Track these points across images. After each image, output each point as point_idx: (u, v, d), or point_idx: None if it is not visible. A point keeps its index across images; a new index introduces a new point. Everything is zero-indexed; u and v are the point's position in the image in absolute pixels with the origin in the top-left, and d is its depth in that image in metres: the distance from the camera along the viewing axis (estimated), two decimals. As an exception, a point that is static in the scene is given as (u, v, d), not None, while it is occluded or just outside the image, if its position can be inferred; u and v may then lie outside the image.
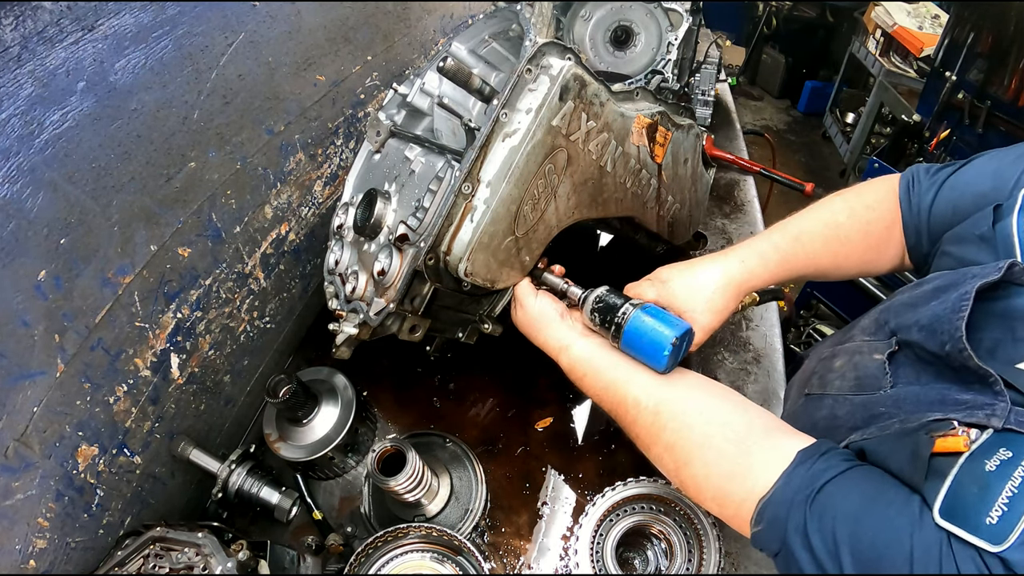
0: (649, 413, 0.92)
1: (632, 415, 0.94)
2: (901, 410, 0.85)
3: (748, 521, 0.78)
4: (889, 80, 4.40)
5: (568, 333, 1.05)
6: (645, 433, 0.93)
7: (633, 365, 0.98)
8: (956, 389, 0.78)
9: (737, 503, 0.80)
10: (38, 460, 0.91)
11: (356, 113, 1.54)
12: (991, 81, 3.17)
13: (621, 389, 0.96)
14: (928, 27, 4.32)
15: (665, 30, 1.16)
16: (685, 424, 0.89)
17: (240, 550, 0.98)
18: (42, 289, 0.88)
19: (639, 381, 0.95)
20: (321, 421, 1.28)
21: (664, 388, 0.94)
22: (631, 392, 0.95)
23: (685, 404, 0.92)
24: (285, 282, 1.47)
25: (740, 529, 0.82)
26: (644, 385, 0.95)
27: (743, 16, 6.06)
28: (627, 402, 0.95)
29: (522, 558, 1.24)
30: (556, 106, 0.97)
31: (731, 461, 0.82)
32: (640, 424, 0.93)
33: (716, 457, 0.84)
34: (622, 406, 0.96)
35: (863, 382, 0.98)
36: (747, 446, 0.82)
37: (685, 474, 0.87)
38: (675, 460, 0.88)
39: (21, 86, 0.79)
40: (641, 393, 0.94)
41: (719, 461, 0.84)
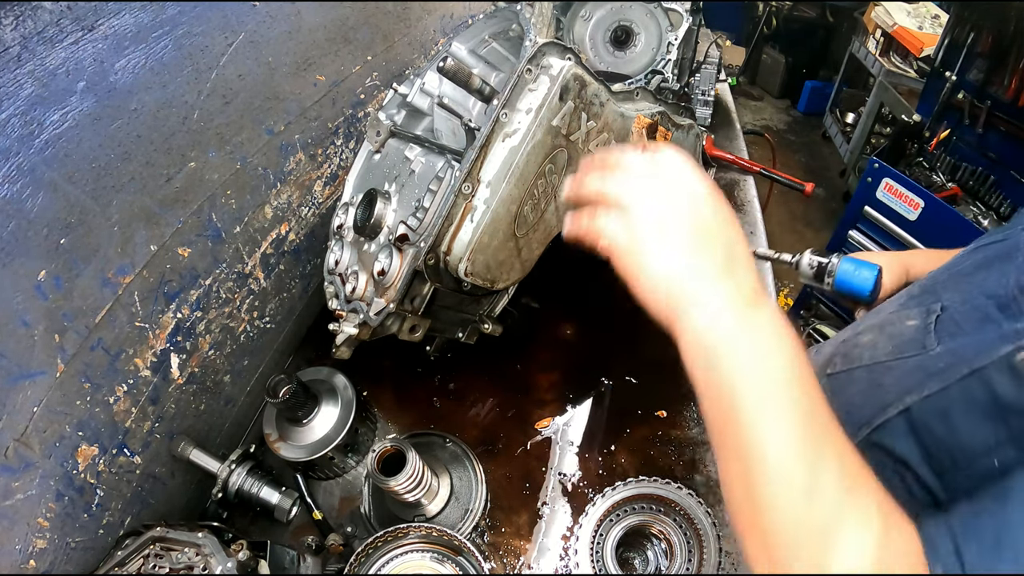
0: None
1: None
2: (964, 359, 0.76)
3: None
4: (889, 80, 4.40)
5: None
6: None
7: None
8: (1008, 323, 0.72)
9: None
10: (38, 460, 0.91)
11: (356, 113, 1.54)
12: (991, 81, 3.17)
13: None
14: (928, 27, 4.32)
15: (665, 30, 1.16)
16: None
17: (240, 550, 0.98)
18: (42, 289, 0.88)
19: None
20: (321, 421, 1.28)
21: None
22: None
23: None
24: (285, 282, 1.47)
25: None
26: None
27: (743, 16, 6.06)
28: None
29: (522, 558, 1.24)
30: (556, 106, 0.97)
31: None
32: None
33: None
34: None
35: (903, 347, 0.90)
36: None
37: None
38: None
39: (21, 86, 0.79)
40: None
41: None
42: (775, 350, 0.63)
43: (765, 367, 0.62)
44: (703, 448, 1.37)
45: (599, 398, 1.50)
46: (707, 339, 0.63)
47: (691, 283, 0.64)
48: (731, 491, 0.64)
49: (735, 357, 0.62)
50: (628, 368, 1.54)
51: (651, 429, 1.42)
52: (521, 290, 1.27)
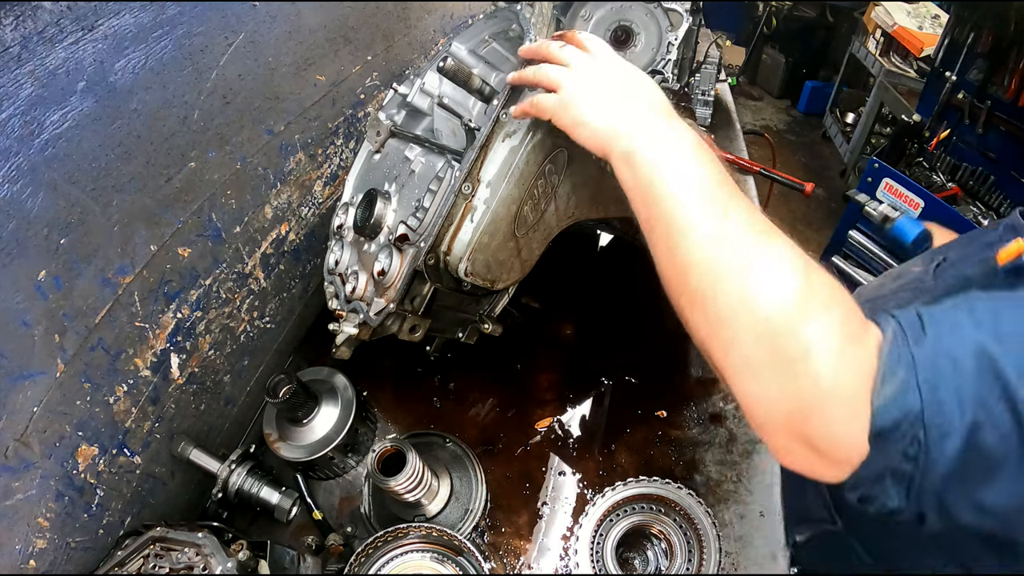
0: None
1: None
2: (955, 270, 0.90)
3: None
4: (889, 80, 4.40)
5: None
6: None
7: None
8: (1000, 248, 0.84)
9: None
10: (38, 460, 0.91)
11: (356, 113, 1.54)
12: (991, 81, 3.17)
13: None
14: (928, 27, 4.32)
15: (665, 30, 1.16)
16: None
17: (240, 550, 0.98)
18: (42, 289, 0.88)
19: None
20: (321, 421, 1.28)
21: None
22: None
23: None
24: (285, 282, 1.47)
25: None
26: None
27: (743, 16, 6.05)
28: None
29: (522, 558, 1.24)
30: None
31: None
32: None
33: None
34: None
35: (905, 285, 1.04)
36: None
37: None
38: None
39: (21, 86, 0.79)
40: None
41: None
42: (683, 146, 0.75)
43: (675, 161, 0.74)
44: (703, 448, 1.37)
45: (599, 398, 1.50)
46: (630, 151, 0.77)
47: (616, 120, 0.80)
48: (663, 268, 0.74)
49: (651, 154, 0.75)
50: (628, 368, 1.54)
51: (651, 429, 1.42)
52: (521, 290, 1.27)
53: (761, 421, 0.66)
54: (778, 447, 0.66)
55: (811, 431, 0.62)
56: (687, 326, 0.72)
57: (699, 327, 0.69)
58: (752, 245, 0.67)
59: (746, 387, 0.66)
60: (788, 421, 0.63)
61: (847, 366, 0.61)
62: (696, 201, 0.71)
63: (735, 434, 1.38)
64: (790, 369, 0.61)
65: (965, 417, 0.57)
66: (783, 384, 0.62)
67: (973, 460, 0.58)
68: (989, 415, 0.57)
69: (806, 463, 0.65)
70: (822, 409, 0.61)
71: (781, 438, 0.65)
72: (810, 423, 0.61)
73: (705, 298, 0.67)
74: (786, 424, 0.63)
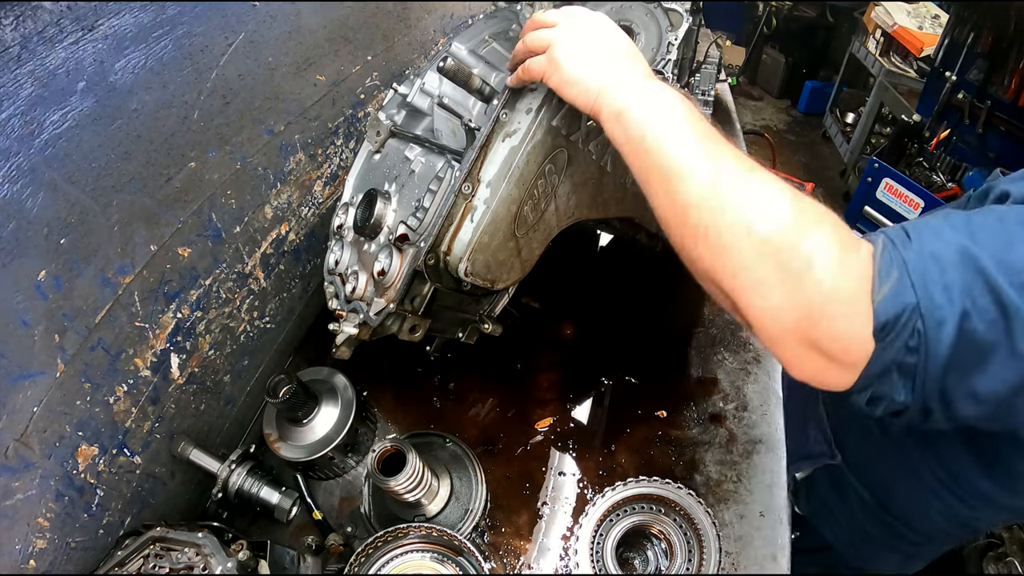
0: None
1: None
2: None
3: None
4: (889, 80, 4.40)
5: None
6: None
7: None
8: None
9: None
10: (38, 460, 0.91)
11: (356, 113, 1.54)
12: (991, 81, 3.18)
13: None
14: (928, 27, 4.32)
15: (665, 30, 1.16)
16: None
17: (240, 550, 0.98)
18: (42, 289, 0.88)
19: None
20: (321, 421, 1.28)
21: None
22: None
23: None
24: (285, 282, 1.47)
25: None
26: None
27: (743, 16, 6.06)
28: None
29: (522, 558, 1.24)
30: (556, 106, 0.97)
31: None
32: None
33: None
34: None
35: None
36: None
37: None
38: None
39: (21, 86, 0.79)
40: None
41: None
42: (669, 103, 0.80)
43: (664, 113, 0.79)
44: (703, 448, 1.37)
45: (599, 398, 1.50)
46: (620, 109, 0.81)
47: (601, 77, 0.85)
48: (662, 212, 0.79)
49: (641, 112, 0.80)
50: (628, 368, 1.54)
51: (651, 429, 1.42)
52: (521, 290, 1.27)
53: (773, 334, 0.70)
54: (790, 357, 0.71)
55: (819, 334, 0.67)
56: (691, 262, 0.77)
57: (703, 259, 0.74)
58: (743, 180, 0.73)
59: (756, 304, 0.70)
60: (797, 328, 0.68)
61: (846, 271, 0.67)
62: (688, 148, 0.76)
63: (735, 434, 1.38)
64: (795, 279, 0.67)
65: (955, 306, 0.64)
66: (790, 294, 0.67)
67: (967, 348, 0.65)
68: (975, 304, 0.63)
69: (817, 370, 0.70)
70: (828, 311, 0.66)
71: (792, 347, 0.69)
72: (818, 326, 0.67)
73: (708, 231, 0.72)
74: (796, 332, 0.68)
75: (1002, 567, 2.19)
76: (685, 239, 0.76)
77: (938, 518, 1.19)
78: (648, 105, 0.80)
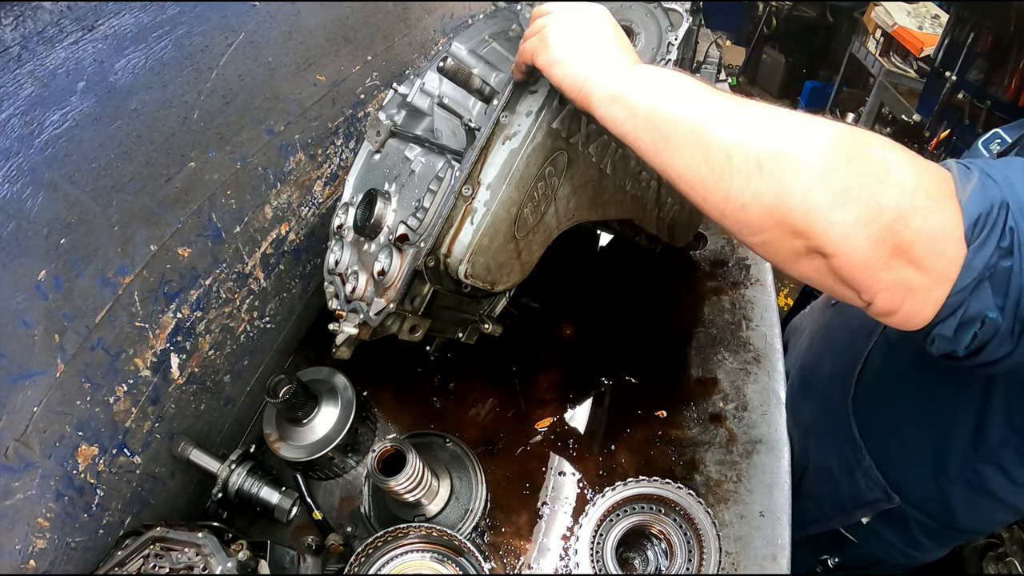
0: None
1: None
2: None
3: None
4: (889, 80, 4.39)
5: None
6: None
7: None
8: None
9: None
10: (38, 460, 0.91)
11: (356, 113, 1.54)
12: (991, 81, 3.17)
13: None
14: (928, 27, 4.32)
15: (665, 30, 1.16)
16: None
17: (240, 550, 0.98)
18: (42, 289, 0.88)
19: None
20: (321, 421, 1.28)
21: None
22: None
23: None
24: (285, 282, 1.47)
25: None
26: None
27: (743, 16, 6.05)
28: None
29: (522, 558, 1.24)
30: (556, 108, 0.97)
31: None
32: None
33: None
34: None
35: None
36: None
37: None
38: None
39: (21, 86, 0.79)
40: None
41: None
42: (668, 74, 0.79)
43: (667, 81, 0.78)
44: (703, 448, 1.37)
45: (599, 398, 1.50)
46: (616, 91, 0.80)
47: (591, 60, 0.84)
48: (693, 176, 0.73)
49: (643, 87, 0.78)
50: (628, 368, 1.54)
51: (651, 429, 1.42)
52: (521, 290, 1.27)
53: (860, 246, 0.64)
54: (876, 280, 0.66)
55: (911, 236, 0.63)
56: (744, 209, 0.70)
57: (765, 193, 0.67)
58: (774, 109, 0.70)
59: (839, 219, 0.64)
60: (887, 231, 0.63)
61: (925, 169, 0.65)
62: (708, 99, 0.73)
63: (735, 434, 1.38)
64: (877, 182, 0.63)
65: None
66: (874, 196, 0.63)
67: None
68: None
69: (906, 288, 0.66)
70: (917, 206, 0.63)
71: (881, 264, 0.64)
72: (910, 223, 0.63)
73: (761, 162, 0.67)
74: (885, 241, 0.63)
75: (1002, 567, 2.19)
76: (733, 187, 0.69)
77: (1000, 518, 1.23)
78: (648, 80, 0.79)
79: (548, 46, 0.86)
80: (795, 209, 0.66)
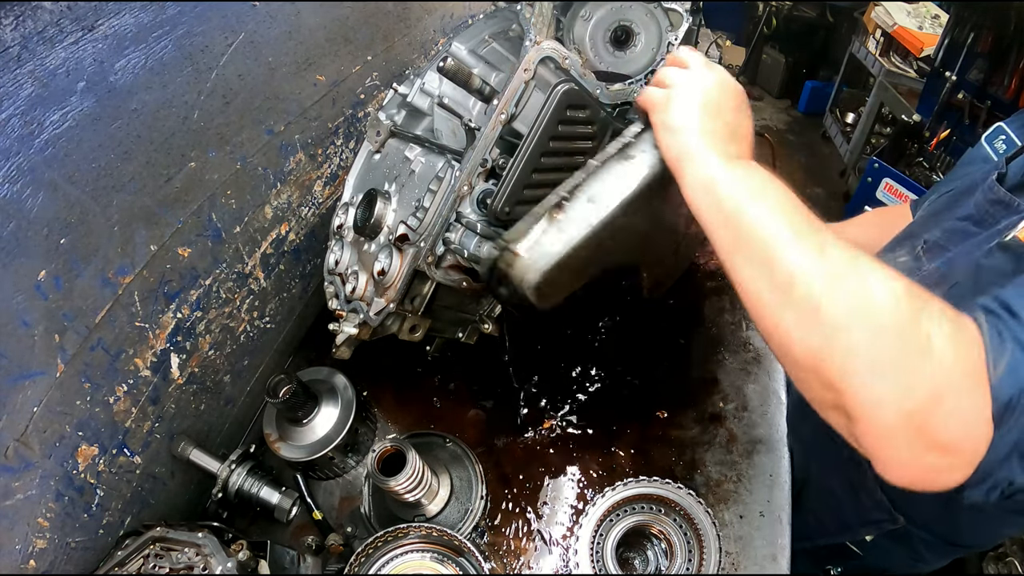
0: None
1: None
2: (957, 265, 0.91)
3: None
4: (889, 80, 4.39)
5: None
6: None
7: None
8: (988, 230, 0.89)
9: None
10: (38, 460, 0.91)
11: (356, 113, 1.54)
12: (991, 81, 3.17)
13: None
14: (928, 27, 4.32)
15: (665, 30, 1.16)
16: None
17: (240, 550, 0.98)
18: (42, 289, 0.88)
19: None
20: (321, 421, 1.28)
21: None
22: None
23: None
24: (285, 282, 1.47)
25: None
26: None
27: (743, 16, 6.05)
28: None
29: (522, 558, 1.24)
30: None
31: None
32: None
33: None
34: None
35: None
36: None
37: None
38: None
39: (21, 86, 0.79)
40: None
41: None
42: (765, 178, 0.78)
43: (760, 186, 0.77)
44: (703, 448, 1.37)
45: (599, 398, 1.50)
46: (710, 178, 0.79)
47: (697, 139, 0.82)
48: (754, 290, 0.74)
49: (735, 184, 0.77)
50: (628, 368, 1.54)
51: (651, 429, 1.42)
52: (521, 290, 1.27)
53: (884, 426, 0.63)
54: (898, 456, 0.64)
55: (938, 421, 0.61)
56: (788, 344, 0.70)
57: (812, 338, 0.67)
58: (851, 254, 0.69)
59: (868, 391, 0.63)
60: (919, 411, 0.61)
61: (963, 347, 0.63)
62: (791, 219, 0.72)
63: (735, 434, 1.38)
64: (915, 360, 0.62)
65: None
66: (911, 375, 0.62)
67: None
68: None
69: (928, 467, 0.64)
70: (949, 394, 0.62)
71: (904, 441, 0.63)
72: (943, 404, 0.61)
73: (819, 306, 0.66)
74: (912, 420, 0.62)
75: (1002, 567, 2.19)
76: (786, 318, 0.69)
77: (1007, 532, 1.27)
78: (742, 178, 0.78)
79: (668, 110, 0.84)
80: (834, 366, 0.65)
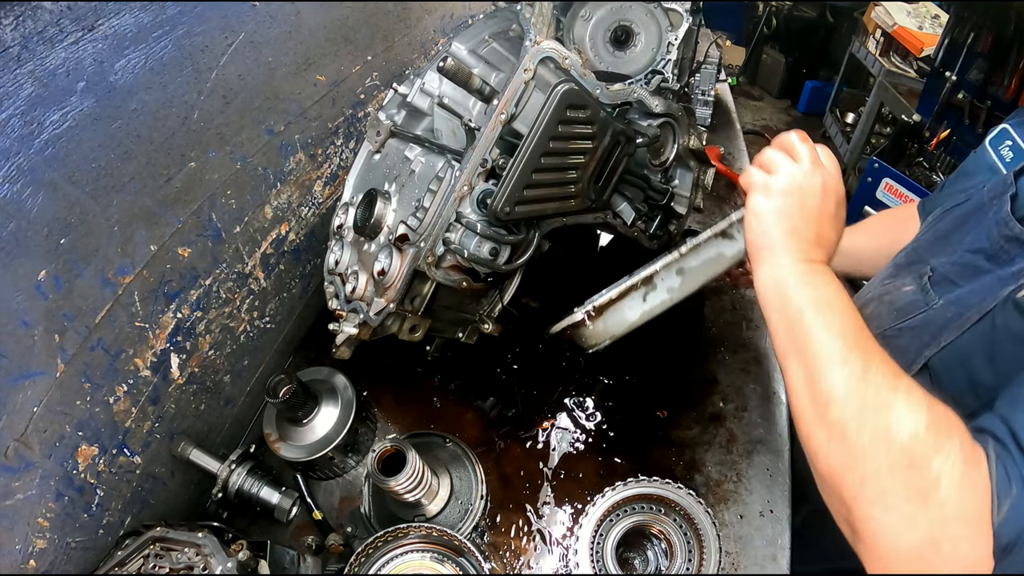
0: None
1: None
2: (970, 306, 0.90)
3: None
4: (889, 80, 4.39)
5: None
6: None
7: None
8: (1002, 268, 0.87)
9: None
10: (38, 460, 0.91)
11: (356, 113, 1.54)
12: (991, 81, 3.18)
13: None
14: (928, 27, 4.32)
15: (665, 30, 1.16)
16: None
17: (240, 550, 0.98)
18: (42, 289, 0.88)
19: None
20: (321, 421, 1.28)
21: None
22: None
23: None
24: (285, 282, 1.47)
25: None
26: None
27: (743, 16, 6.06)
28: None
29: (522, 558, 1.24)
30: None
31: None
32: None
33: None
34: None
35: (906, 310, 1.03)
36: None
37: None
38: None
39: (21, 86, 0.79)
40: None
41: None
42: (833, 290, 0.81)
43: (826, 298, 0.79)
44: (703, 448, 1.37)
45: (599, 398, 1.50)
46: (782, 278, 0.83)
47: (780, 235, 0.84)
48: (798, 397, 0.78)
49: (805, 290, 0.81)
50: (628, 368, 1.54)
51: (651, 429, 1.42)
52: (521, 290, 1.27)
53: (888, 551, 0.68)
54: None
55: (940, 558, 0.64)
56: (815, 456, 0.75)
57: (835, 457, 0.72)
58: (891, 383, 0.72)
59: (878, 519, 0.68)
60: (916, 549, 0.65)
61: (970, 490, 0.65)
62: (843, 339, 0.76)
63: (735, 434, 1.38)
64: (921, 498, 0.65)
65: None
66: (915, 512, 0.65)
67: None
68: None
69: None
70: (950, 534, 0.64)
71: (907, 569, 0.66)
72: (940, 549, 0.64)
73: (847, 430, 0.71)
74: (913, 553, 0.66)
75: (1002, 567, 2.19)
76: (817, 432, 0.74)
77: None
78: (812, 285, 0.81)
79: (763, 200, 0.86)
80: (849, 487, 0.70)
